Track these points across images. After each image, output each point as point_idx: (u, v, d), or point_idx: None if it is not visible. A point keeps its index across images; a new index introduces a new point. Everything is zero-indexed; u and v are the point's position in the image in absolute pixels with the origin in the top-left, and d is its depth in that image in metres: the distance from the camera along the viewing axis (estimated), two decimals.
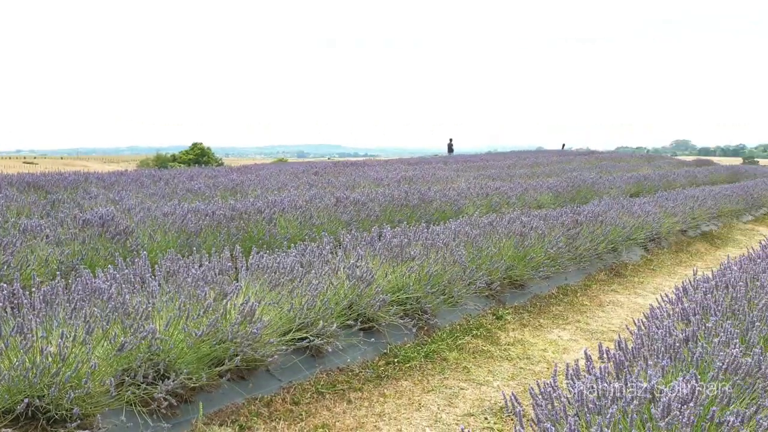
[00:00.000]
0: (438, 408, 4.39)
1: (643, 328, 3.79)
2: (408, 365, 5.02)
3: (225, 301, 3.98)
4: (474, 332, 5.80)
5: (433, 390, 4.68)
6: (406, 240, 5.87)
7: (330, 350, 4.78)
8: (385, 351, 5.18)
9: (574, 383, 3.06)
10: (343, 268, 5.12)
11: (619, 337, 3.62)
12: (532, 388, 3.02)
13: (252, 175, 13.20)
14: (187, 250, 6.32)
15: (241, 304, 4.14)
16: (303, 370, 4.64)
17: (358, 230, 7.17)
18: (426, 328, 5.63)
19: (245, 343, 4.04)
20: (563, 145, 44.81)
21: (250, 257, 4.94)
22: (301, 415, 4.13)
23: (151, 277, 4.13)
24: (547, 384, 2.87)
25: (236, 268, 5.07)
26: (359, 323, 5.13)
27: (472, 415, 4.28)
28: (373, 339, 5.19)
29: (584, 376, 3.07)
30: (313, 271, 4.91)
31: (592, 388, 2.82)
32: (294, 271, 4.76)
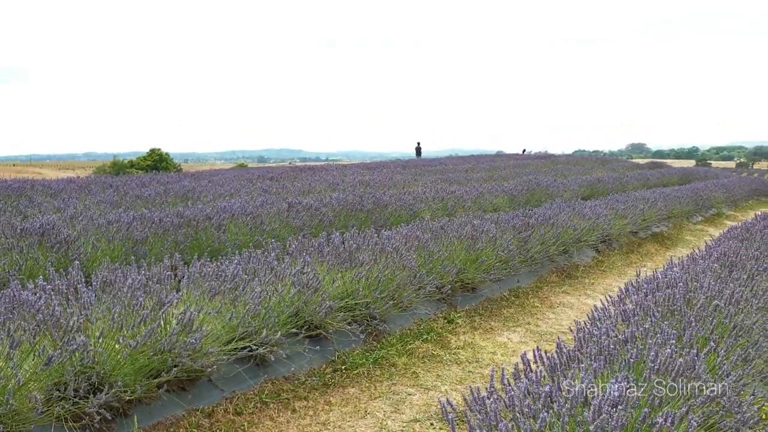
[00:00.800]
0: (384, 415, 4.35)
1: (582, 330, 3.81)
2: (356, 372, 4.98)
3: (161, 311, 3.87)
4: (424, 336, 5.78)
5: (380, 396, 4.64)
6: (355, 245, 5.83)
7: (275, 359, 4.70)
8: (332, 358, 5.13)
9: (510, 388, 3.05)
10: (289, 275, 5.04)
11: (560, 340, 3.64)
12: (465, 395, 3.00)
13: (205, 181, 12.99)
14: (133, 258, 6.17)
15: (180, 314, 4.04)
16: (247, 380, 4.55)
17: (310, 236, 7.10)
18: (375, 333, 5.59)
19: (184, 354, 3.94)
20: (524, 150, 45.37)
21: (191, 265, 4.83)
22: (243, 425, 4.05)
23: (84, 287, 3.99)
24: (481, 389, 2.86)
25: (179, 277, 4.96)
26: (306, 330, 5.06)
27: (418, 421, 4.25)
28: (320, 346, 5.12)
29: (522, 380, 3.06)
30: (257, 278, 4.83)
31: (527, 392, 2.81)
32: (236, 279, 4.66)
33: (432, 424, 4.22)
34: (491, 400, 2.73)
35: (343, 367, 5.01)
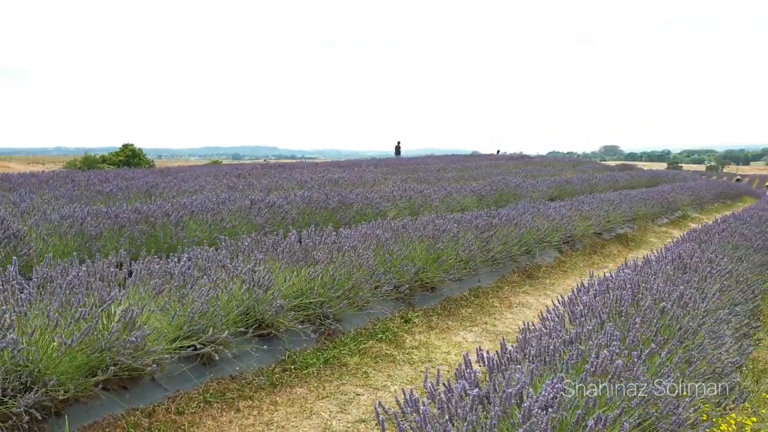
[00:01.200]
0: (330, 415, 4.30)
1: (526, 330, 3.80)
2: (305, 372, 4.92)
3: (100, 309, 3.77)
4: (379, 336, 5.74)
5: (327, 396, 4.59)
6: (311, 243, 5.76)
7: (223, 358, 4.62)
8: (283, 357, 5.06)
9: (449, 389, 3.03)
10: (240, 273, 4.97)
11: (503, 340, 3.62)
12: (397, 397, 2.97)
13: (170, 177, 12.82)
14: (87, 255, 6.04)
15: (122, 311, 3.95)
16: (192, 379, 4.47)
17: (272, 234, 7.01)
18: (328, 333, 5.53)
19: (125, 352, 3.85)
20: (498, 150, 45.67)
21: (138, 262, 4.73)
22: (184, 425, 3.97)
23: (25, 284, 3.88)
24: (413, 391, 2.82)
25: (129, 274, 4.85)
26: (257, 329, 5.00)
27: (364, 422, 4.21)
28: (271, 345, 5.06)
29: (461, 381, 3.03)
30: (206, 276, 4.74)
31: (463, 394, 2.78)
32: (184, 277, 4.58)
33: (377, 424, 4.18)
34: (420, 403, 2.70)
35: (292, 367, 4.94)
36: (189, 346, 4.35)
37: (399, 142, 39.45)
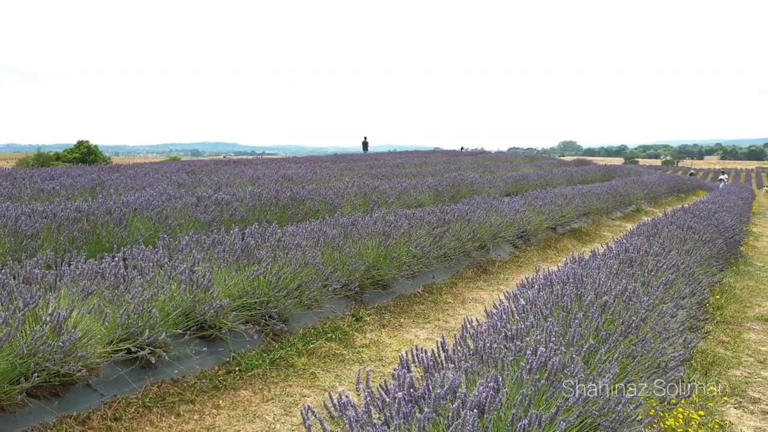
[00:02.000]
0: (273, 418, 4.18)
1: (466, 328, 3.75)
2: (250, 374, 4.78)
3: (20, 312, 3.58)
4: (329, 335, 5.64)
5: (272, 399, 4.47)
6: (253, 241, 5.62)
7: (164, 360, 4.46)
8: (227, 359, 4.91)
9: (387, 391, 2.95)
10: (179, 272, 4.80)
11: (442, 339, 3.55)
12: (325, 402, 2.88)
13: (118, 174, 12.47)
14: (24, 255, 5.78)
15: (50, 314, 3.76)
16: (131, 383, 4.30)
17: (220, 232, 6.84)
18: (275, 333, 5.40)
19: (54, 358, 3.67)
20: (462, 147, 46.05)
21: (69, 262, 4.53)
22: None
23: None
24: (347, 392, 2.73)
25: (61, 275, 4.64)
26: (199, 331, 4.84)
27: None
28: (214, 347, 4.91)
29: (396, 381, 2.95)
30: (140, 277, 4.57)
31: (399, 396, 2.70)
32: (116, 277, 4.40)
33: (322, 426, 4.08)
34: (350, 407, 2.61)
35: (237, 369, 4.80)
36: (123, 350, 4.18)
37: (366, 138, 39.75)
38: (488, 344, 3.14)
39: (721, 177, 49.43)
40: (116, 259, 4.68)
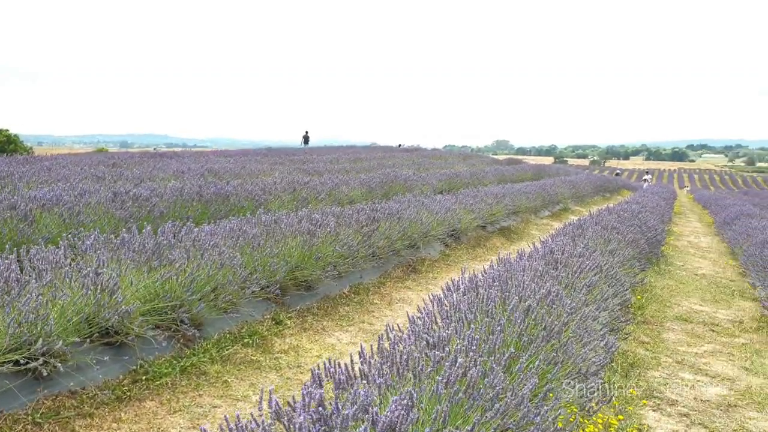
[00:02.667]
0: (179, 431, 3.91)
1: (385, 337, 3.57)
2: (158, 383, 4.47)
3: None
4: (245, 340, 5.37)
5: (180, 410, 4.18)
6: (165, 241, 5.29)
7: (59, 371, 4.10)
8: (134, 368, 4.58)
9: (294, 409, 2.73)
10: (83, 275, 4.44)
11: (361, 348, 3.37)
12: (222, 423, 2.65)
13: (31, 166, 11.73)
14: None
15: None
16: (20, 397, 3.92)
17: (137, 229, 6.45)
18: (188, 339, 5.09)
19: None
20: (399, 144, 46.31)
21: None
22: None
23: None
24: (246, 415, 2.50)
25: None
26: (104, 337, 4.50)
27: None
28: (120, 355, 4.57)
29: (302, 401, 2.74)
30: (35, 280, 4.19)
31: (300, 421, 2.49)
32: (10, 281, 4.02)
33: None
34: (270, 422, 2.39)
35: (144, 378, 4.48)
36: (11, 361, 3.81)
37: (307, 132, 39.67)
38: (406, 356, 2.97)
39: (645, 177, 51.34)
40: (8, 260, 4.28)
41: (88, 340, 4.31)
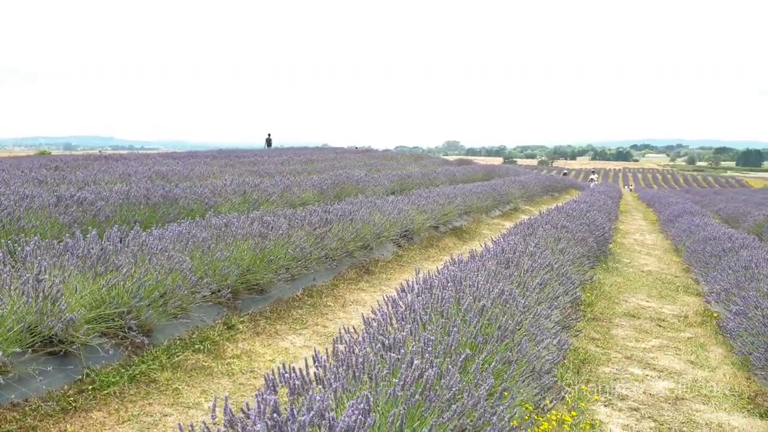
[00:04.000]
0: None
1: (340, 340, 3.53)
2: (106, 392, 4.32)
3: None
4: (197, 346, 5.24)
5: (129, 420, 4.05)
6: (112, 246, 5.12)
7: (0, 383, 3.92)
8: (80, 377, 4.41)
9: (248, 416, 2.66)
10: (23, 282, 4.26)
11: (316, 351, 3.32)
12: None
13: None
14: None
15: None
16: None
17: (82, 234, 6.23)
18: (136, 346, 4.94)
19: None
20: (356, 147, 46.44)
21: None
22: None
23: None
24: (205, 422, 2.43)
25: None
26: (47, 346, 4.32)
27: None
28: (65, 364, 4.40)
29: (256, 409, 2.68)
30: None
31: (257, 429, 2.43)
32: None
33: None
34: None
35: (90, 388, 4.32)
36: None
37: (270, 135, 39.88)
38: (361, 359, 2.93)
39: (592, 177, 52.60)
40: None
41: (30, 349, 4.13)
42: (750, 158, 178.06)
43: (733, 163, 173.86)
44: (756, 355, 5.72)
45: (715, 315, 7.87)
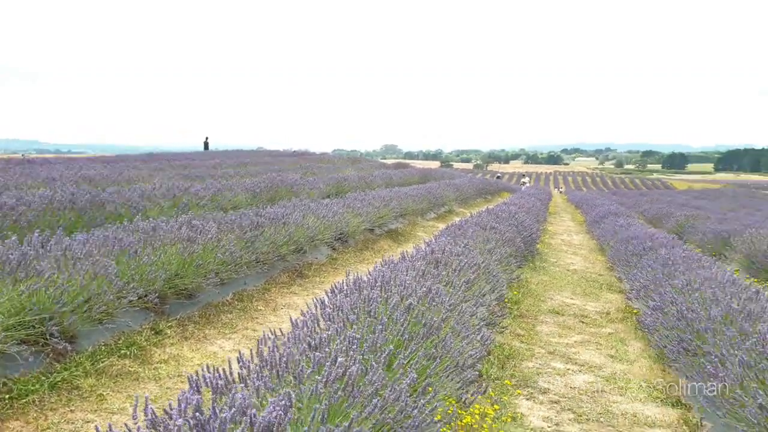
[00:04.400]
0: None
1: (265, 340, 3.57)
2: (24, 401, 4.20)
3: None
4: (123, 352, 5.15)
5: (49, 428, 3.95)
6: (34, 252, 4.98)
7: None
8: None
9: (171, 416, 2.67)
10: None
11: (240, 354, 3.35)
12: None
13: None
14: None
15: None
16: None
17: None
18: (59, 353, 4.82)
19: None
20: (293, 150, 46.07)
21: None
22: None
23: None
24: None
25: None
26: None
27: None
28: None
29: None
30: None
31: (179, 424, 2.45)
32: None
33: None
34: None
35: (7, 397, 4.19)
36: None
37: (207, 138, 39.41)
38: (285, 358, 2.98)
39: (524, 180, 53.97)
40: None
41: None
42: (675, 161, 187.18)
43: (659, 166, 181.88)
44: (670, 348, 6.03)
45: (635, 311, 8.25)
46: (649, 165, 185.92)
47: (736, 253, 12.70)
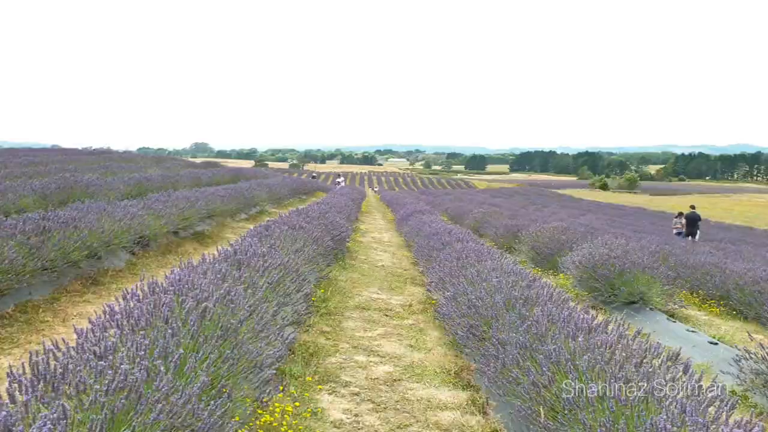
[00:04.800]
0: None
1: (42, 354, 3.31)
2: None
3: None
4: None
5: None
6: None
7: None
8: None
9: None
10: None
11: (9, 368, 3.07)
12: None
13: None
14: None
15: None
16: None
17: None
18: None
19: None
20: (92, 148, 42.46)
21: None
22: None
23: None
24: None
25: None
26: None
27: None
28: None
29: None
30: None
31: None
32: None
33: None
34: None
35: None
36: None
37: None
38: (62, 369, 2.79)
39: (338, 180, 55.02)
40: None
41: None
42: (476, 162, 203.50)
43: (462, 167, 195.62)
44: (460, 335, 6.52)
45: (434, 302, 8.79)
46: (453, 166, 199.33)
47: (524, 245, 14.05)
